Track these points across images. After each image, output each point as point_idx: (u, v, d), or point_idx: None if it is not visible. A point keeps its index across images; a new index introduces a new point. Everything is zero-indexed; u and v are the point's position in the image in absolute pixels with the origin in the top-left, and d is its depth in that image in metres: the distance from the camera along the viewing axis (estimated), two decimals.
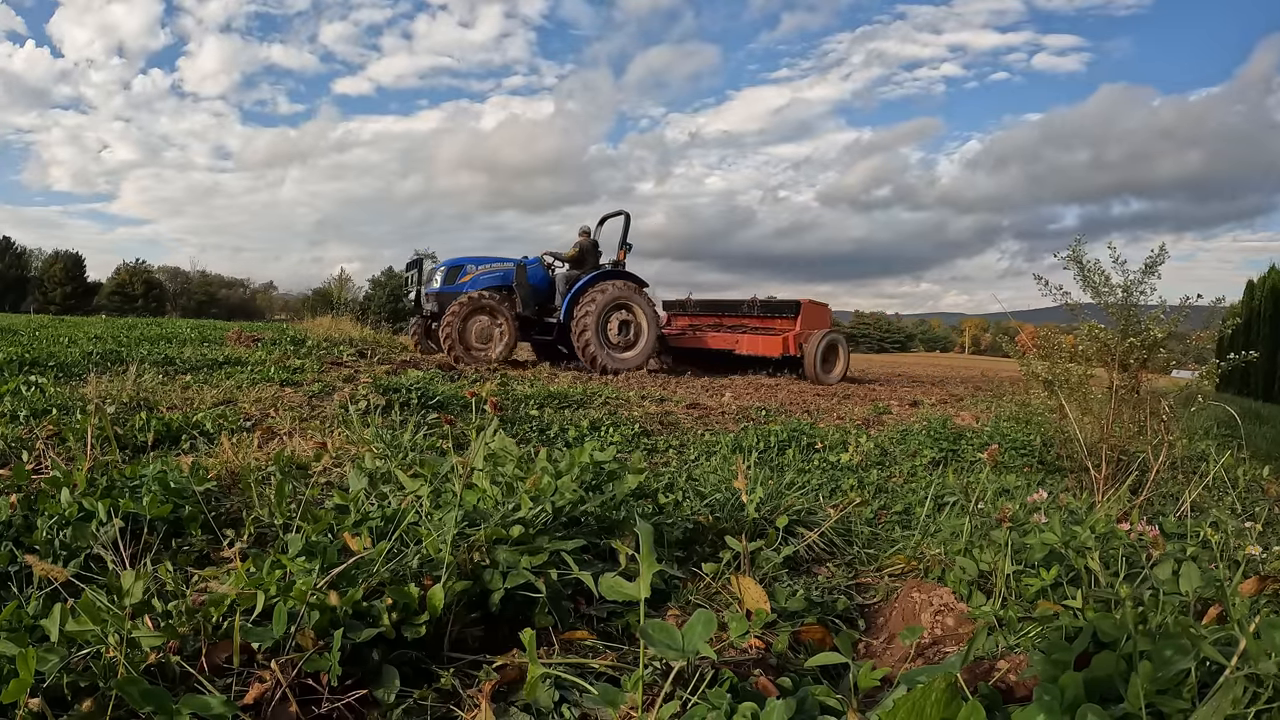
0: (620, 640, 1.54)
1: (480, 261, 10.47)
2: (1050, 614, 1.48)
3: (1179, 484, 3.14)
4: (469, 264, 10.36)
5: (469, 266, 10.32)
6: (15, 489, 2.00)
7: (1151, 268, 3.07)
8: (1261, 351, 13.12)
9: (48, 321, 14.51)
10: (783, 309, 11.93)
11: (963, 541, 1.91)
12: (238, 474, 2.41)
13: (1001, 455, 3.79)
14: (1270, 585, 1.35)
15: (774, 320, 11.97)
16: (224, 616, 1.31)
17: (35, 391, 4.02)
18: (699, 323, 12.92)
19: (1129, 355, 3.11)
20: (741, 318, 12.44)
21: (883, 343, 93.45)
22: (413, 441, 3.10)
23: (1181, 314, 3.10)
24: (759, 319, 12.17)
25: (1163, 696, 1.04)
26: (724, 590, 1.78)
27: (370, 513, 1.82)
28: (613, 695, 1.13)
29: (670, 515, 2.21)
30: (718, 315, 12.86)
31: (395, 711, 1.22)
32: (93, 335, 9.11)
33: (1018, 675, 1.21)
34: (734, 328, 12.22)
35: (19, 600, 1.35)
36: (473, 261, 10.42)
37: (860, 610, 1.84)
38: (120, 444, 3.00)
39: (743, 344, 11.64)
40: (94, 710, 1.07)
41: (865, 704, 1.24)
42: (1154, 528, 1.97)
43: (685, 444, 4.26)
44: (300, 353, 7.06)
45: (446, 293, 10.04)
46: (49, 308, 51.73)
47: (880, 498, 3.00)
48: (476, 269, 10.32)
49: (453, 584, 1.46)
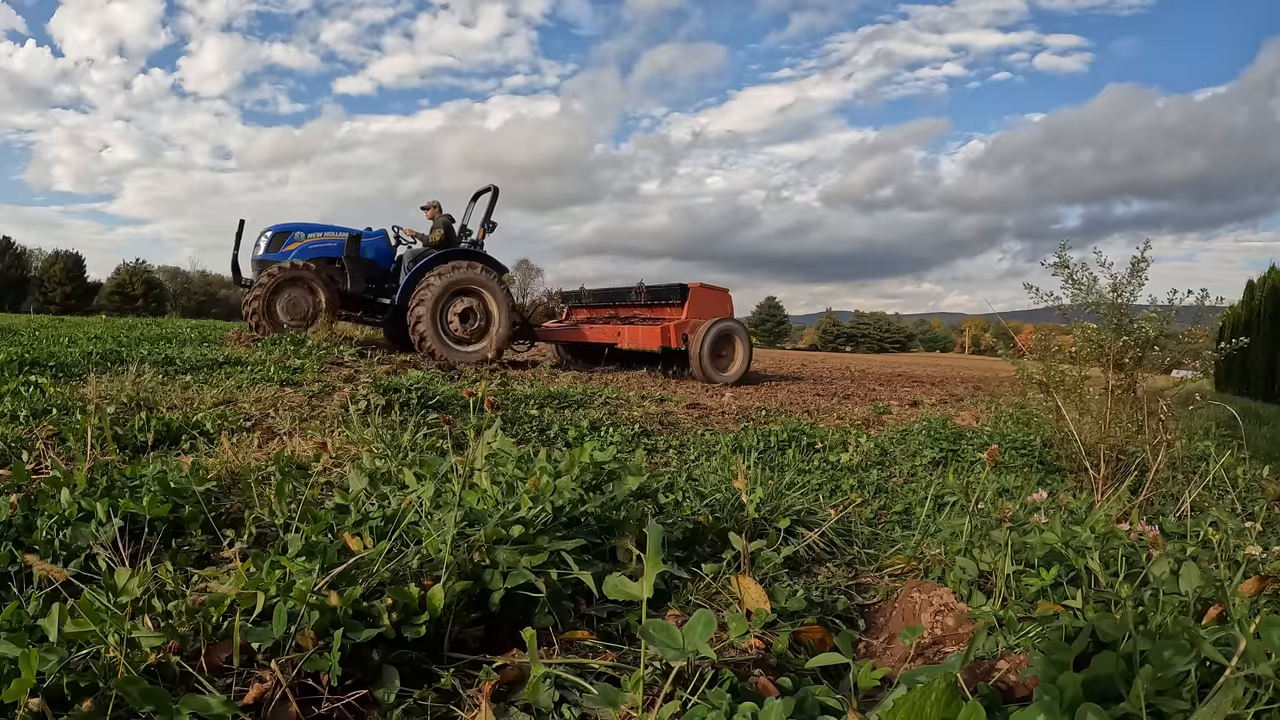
0: (620, 640, 1.54)
1: (312, 229, 9.44)
2: (1050, 614, 1.48)
3: (1179, 484, 3.14)
4: (297, 230, 9.35)
5: (297, 233, 9.30)
6: (15, 489, 2.00)
7: (1138, 268, 3.08)
8: (1261, 351, 13.14)
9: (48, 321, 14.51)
10: (668, 295, 10.51)
11: (963, 541, 1.91)
12: (238, 474, 2.41)
13: (1001, 455, 3.79)
14: (1270, 585, 1.35)
15: (663, 309, 10.58)
16: (224, 616, 1.31)
17: (35, 391, 4.02)
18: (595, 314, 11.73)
19: (1123, 354, 3.11)
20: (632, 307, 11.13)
21: (882, 343, 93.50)
22: (413, 441, 3.10)
23: (1173, 311, 3.11)
24: (648, 308, 10.85)
25: (1163, 697, 1.04)
26: (724, 590, 1.78)
27: (370, 513, 1.82)
28: (613, 695, 1.13)
29: (670, 515, 2.21)
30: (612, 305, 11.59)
31: (395, 711, 1.22)
32: (93, 335, 9.11)
33: (1018, 675, 1.21)
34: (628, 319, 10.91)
35: (19, 600, 1.35)
36: (302, 228, 9.40)
37: (860, 610, 1.84)
38: (120, 444, 3.00)
39: (624, 336, 10.35)
40: (94, 710, 1.07)
41: (865, 704, 1.24)
42: (1154, 528, 1.97)
43: (685, 444, 4.26)
44: (300, 353, 7.05)
45: (269, 260, 9.04)
46: (49, 308, 51.73)
47: (880, 498, 3.00)
48: (305, 237, 9.30)
49: (453, 584, 1.46)
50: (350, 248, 9.37)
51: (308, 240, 9.28)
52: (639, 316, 10.86)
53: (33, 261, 62.74)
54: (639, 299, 10.90)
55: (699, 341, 9.75)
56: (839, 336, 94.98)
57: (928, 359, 56.52)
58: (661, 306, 10.57)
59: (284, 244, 9.19)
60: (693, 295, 10.20)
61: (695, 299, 10.17)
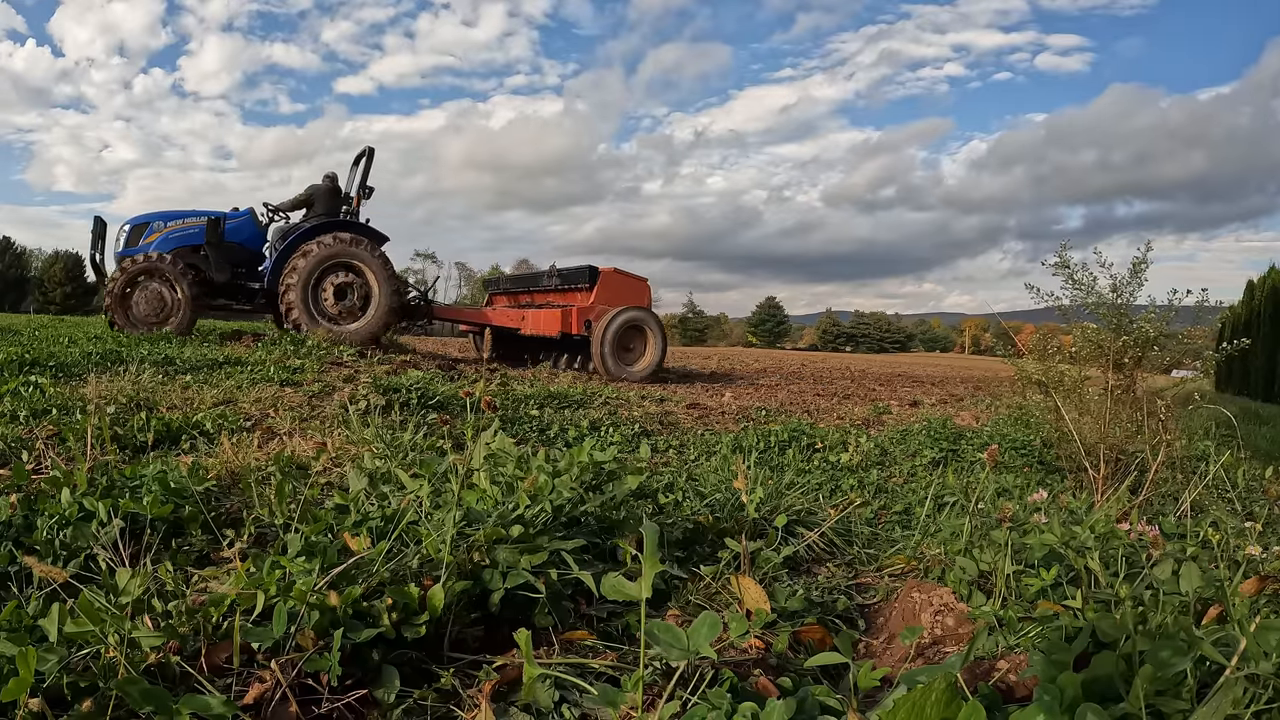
0: (620, 640, 1.54)
1: (172, 217, 8.88)
2: (1050, 614, 1.48)
3: (1178, 484, 3.14)
4: (156, 221, 8.81)
5: (156, 224, 8.77)
6: (15, 489, 2.00)
7: (1138, 269, 3.09)
8: (1261, 351, 13.14)
9: (48, 321, 14.50)
10: (577, 279, 9.70)
11: (963, 541, 1.91)
12: (238, 474, 2.41)
13: (1001, 455, 3.79)
14: (1270, 585, 1.35)
15: (573, 294, 9.77)
16: (224, 616, 1.31)
17: (35, 391, 4.02)
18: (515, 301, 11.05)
19: (1123, 354, 3.12)
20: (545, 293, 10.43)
21: (882, 343, 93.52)
22: (412, 441, 3.10)
23: (1172, 311, 3.11)
24: (559, 293, 10.10)
25: (1162, 697, 1.04)
26: (724, 590, 1.78)
27: (370, 513, 1.82)
28: (613, 695, 1.13)
29: (670, 515, 2.21)
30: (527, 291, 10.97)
31: (395, 711, 1.22)
32: (93, 335, 9.10)
33: (1018, 675, 1.21)
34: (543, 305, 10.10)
35: (19, 600, 1.35)
36: (161, 218, 8.85)
37: (860, 610, 1.84)
38: (120, 444, 3.00)
39: (528, 321, 9.63)
40: (94, 710, 1.07)
41: (865, 704, 1.24)
42: (1154, 528, 1.97)
43: (685, 444, 4.26)
44: (300, 353, 7.05)
45: (127, 255, 8.54)
46: (49, 308, 51.67)
47: (880, 498, 3.00)
48: (165, 226, 8.75)
49: (453, 584, 1.46)
50: (210, 233, 8.72)
51: (167, 230, 8.75)
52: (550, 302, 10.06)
53: (33, 261, 62.74)
54: (550, 283, 10.25)
55: (602, 329, 8.89)
56: (839, 336, 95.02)
57: (928, 359, 56.54)
58: (572, 291, 9.82)
59: (143, 236, 8.75)
60: (603, 280, 9.41)
61: (606, 284, 9.39)
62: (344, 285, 8.71)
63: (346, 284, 8.73)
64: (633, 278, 9.76)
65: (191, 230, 8.79)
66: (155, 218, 8.87)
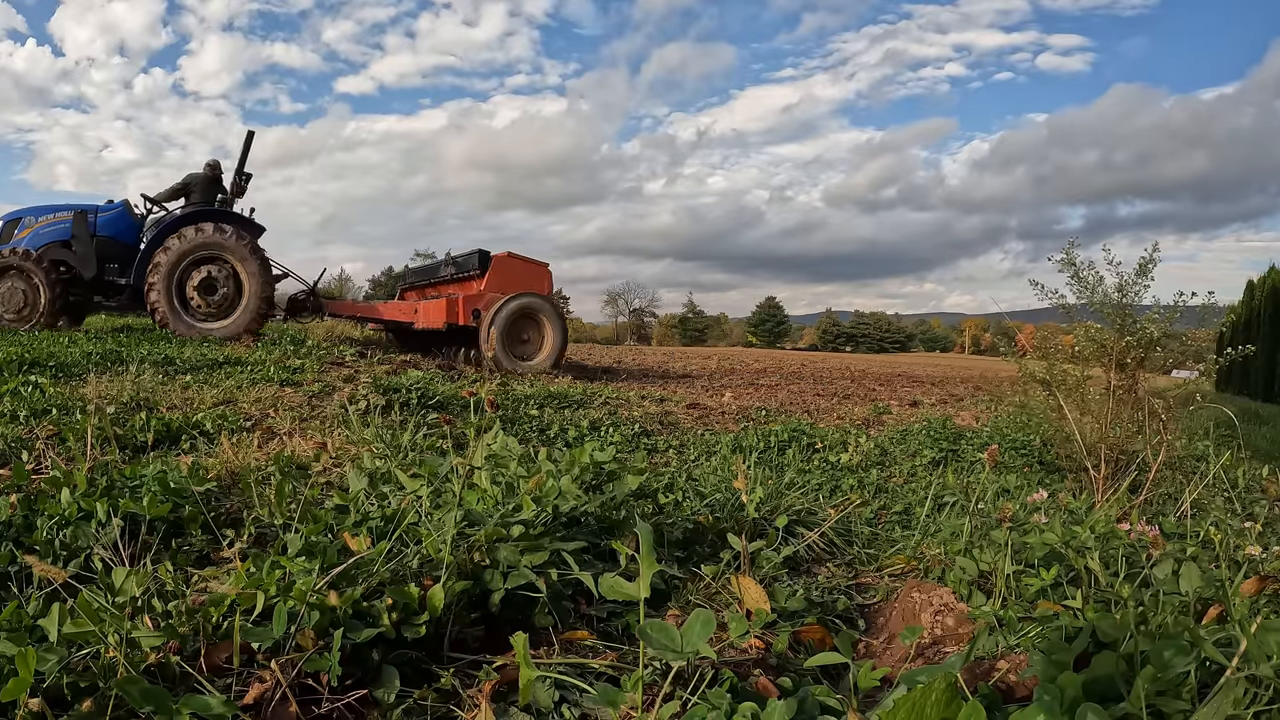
0: (620, 640, 1.54)
1: (43, 211, 8.56)
2: (1050, 614, 1.48)
3: (1178, 484, 3.14)
4: (28, 215, 8.51)
5: (28, 219, 8.48)
6: (15, 489, 2.00)
7: (1145, 268, 3.08)
8: (1261, 351, 13.13)
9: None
10: (468, 266, 8.98)
11: (963, 541, 1.91)
12: (238, 474, 2.41)
13: (1001, 455, 3.79)
14: (1270, 585, 1.35)
15: (467, 282, 9.04)
16: (224, 616, 1.31)
17: (35, 391, 4.02)
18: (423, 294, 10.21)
19: (1125, 354, 3.11)
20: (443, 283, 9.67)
21: (882, 343, 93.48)
22: (413, 441, 3.10)
23: (1176, 312, 3.10)
24: (454, 282, 9.33)
25: (1163, 697, 1.04)
26: (724, 590, 1.78)
27: (370, 513, 1.82)
28: (613, 695, 1.13)
29: (670, 515, 2.21)
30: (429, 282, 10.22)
31: (395, 711, 1.22)
32: (92, 335, 9.11)
33: (1018, 675, 1.21)
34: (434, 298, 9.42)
35: (19, 600, 1.35)
36: (33, 212, 8.53)
37: (860, 610, 1.84)
38: (120, 444, 3.00)
39: (420, 314, 9.01)
40: (94, 710, 1.07)
41: (865, 704, 1.24)
42: (1154, 528, 1.97)
43: (685, 444, 4.26)
44: (300, 353, 7.05)
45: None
46: None
47: (880, 498, 3.00)
48: (36, 221, 8.43)
49: (453, 584, 1.46)
50: (77, 227, 8.34)
51: (39, 225, 8.43)
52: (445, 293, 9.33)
53: None
54: (446, 273, 9.56)
55: (490, 317, 8.20)
56: (839, 336, 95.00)
57: (928, 359, 56.54)
58: (465, 280, 9.09)
59: (15, 232, 8.48)
60: (495, 265, 8.69)
61: (499, 270, 8.67)
62: (210, 279, 8.22)
63: (211, 278, 8.23)
64: (531, 263, 9.06)
65: (62, 225, 8.46)
66: (28, 213, 8.63)
